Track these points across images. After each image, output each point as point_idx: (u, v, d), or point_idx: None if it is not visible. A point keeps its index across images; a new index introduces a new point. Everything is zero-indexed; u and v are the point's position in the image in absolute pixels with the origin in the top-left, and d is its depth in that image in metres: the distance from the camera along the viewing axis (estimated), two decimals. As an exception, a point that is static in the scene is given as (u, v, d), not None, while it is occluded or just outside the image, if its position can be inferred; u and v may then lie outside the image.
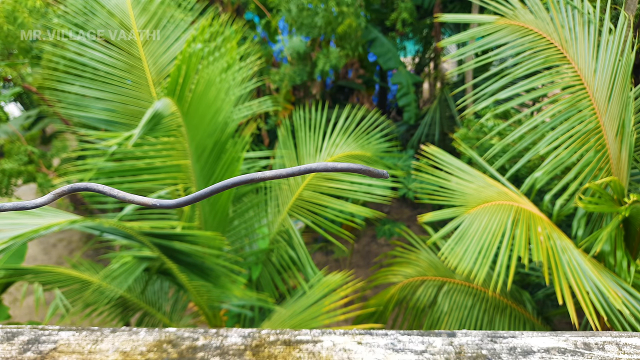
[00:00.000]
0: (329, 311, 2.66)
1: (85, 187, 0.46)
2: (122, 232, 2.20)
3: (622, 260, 2.22)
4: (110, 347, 0.80)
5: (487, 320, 3.04)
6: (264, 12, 6.27)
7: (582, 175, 2.43)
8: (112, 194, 0.46)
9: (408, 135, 7.33)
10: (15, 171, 4.61)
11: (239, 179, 0.44)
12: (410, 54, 8.78)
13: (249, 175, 0.44)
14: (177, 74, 2.16)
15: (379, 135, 3.47)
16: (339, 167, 0.43)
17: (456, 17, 3.58)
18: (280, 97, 5.91)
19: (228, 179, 0.44)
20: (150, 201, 0.45)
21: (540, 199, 3.48)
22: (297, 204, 3.14)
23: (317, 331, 0.84)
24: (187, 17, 3.23)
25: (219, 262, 2.44)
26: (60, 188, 0.45)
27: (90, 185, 0.46)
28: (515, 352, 0.77)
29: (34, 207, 0.45)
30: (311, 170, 0.43)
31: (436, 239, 2.93)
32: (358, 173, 0.44)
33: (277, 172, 0.44)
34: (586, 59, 2.43)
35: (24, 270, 2.56)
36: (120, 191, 0.46)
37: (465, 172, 2.86)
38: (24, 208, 0.45)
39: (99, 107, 2.99)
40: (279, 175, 0.44)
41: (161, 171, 2.55)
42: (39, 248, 6.89)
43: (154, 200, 0.45)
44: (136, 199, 0.45)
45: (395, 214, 7.12)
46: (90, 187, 0.46)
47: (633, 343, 0.79)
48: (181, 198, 0.45)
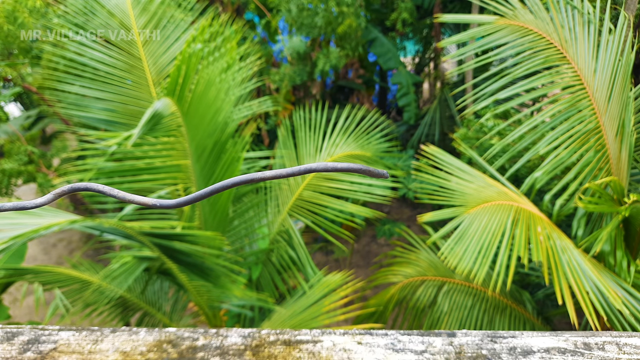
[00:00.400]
0: (329, 311, 2.66)
1: (85, 187, 0.46)
2: (122, 232, 2.20)
3: (622, 260, 2.22)
4: (110, 347, 0.80)
5: (487, 320, 3.04)
6: (264, 12, 6.27)
7: (582, 175, 2.43)
8: (112, 194, 0.46)
9: (408, 135, 7.33)
10: (15, 171, 4.61)
11: (239, 179, 0.44)
12: (410, 54, 8.78)
13: (249, 176, 0.44)
14: (177, 74, 2.16)
15: (379, 135, 3.47)
16: (339, 167, 0.43)
17: (456, 18, 3.58)
18: (280, 97, 5.91)
19: (228, 179, 0.44)
20: (150, 201, 0.45)
21: (540, 199, 3.48)
22: (297, 204, 3.14)
23: (317, 331, 0.84)
24: (187, 17, 3.23)
25: (219, 262, 2.44)
26: (61, 188, 0.45)
27: (90, 185, 0.46)
28: (515, 352, 0.77)
29: (34, 207, 0.45)
30: (311, 170, 0.43)
31: (436, 239, 2.93)
32: (358, 173, 0.44)
33: (277, 172, 0.44)
34: (586, 59, 2.43)
35: (24, 270, 2.56)
36: (120, 191, 0.46)
37: (465, 172, 2.86)
38: (24, 208, 0.45)
39: (99, 107, 2.99)
40: (279, 175, 0.44)
41: (161, 171, 2.55)
42: (39, 248, 6.89)
43: (154, 200, 0.45)
44: (136, 199, 0.45)
45: (395, 214, 7.12)
46: (90, 187, 0.46)
47: (633, 343, 0.79)
48: (181, 198, 0.45)
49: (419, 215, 2.92)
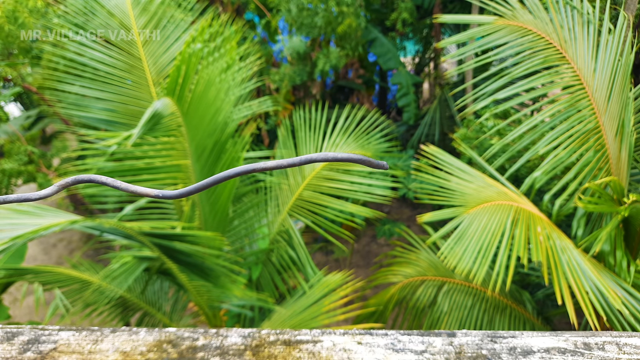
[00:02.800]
0: (328, 311, 2.66)
1: (88, 179, 0.46)
2: (122, 232, 2.21)
3: (621, 260, 2.22)
4: (110, 347, 0.80)
5: (487, 320, 3.04)
6: (264, 12, 6.27)
7: (582, 175, 2.43)
8: (115, 185, 0.46)
9: (408, 135, 7.33)
10: (15, 171, 4.61)
11: (241, 169, 0.44)
12: (410, 54, 8.78)
13: (251, 166, 0.45)
14: (177, 74, 2.16)
15: (379, 135, 3.47)
16: (339, 157, 0.44)
17: (455, 18, 3.58)
18: (280, 97, 5.91)
19: (230, 170, 0.44)
20: (152, 192, 0.46)
21: (539, 199, 3.48)
22: (297, 204, 3.15)
23: (317, 331, 0.84)
24: (187, 17, 3.23)
25: (219, 262, 2.45)
26: (64, 180, 0.46)
27: (93, 177, 0.46)
28: (515, 352, 0.77)
29: (38, 198, 0.45)
30: (312, 161, 0.44)
31: (436, 239, 2.93)
32: (358, 163, 0.44)
33: (278, 162, 0.45)
34: (585, 59, 2.43)
35: (24, 270, 2.56)
36: (122, 182, 0.46)
37: (465, 172, 2.86)
38: (28, 200, 0.45)
39: (99, 107, 2.99)
40: (280, 166, 0.44)
41: (161, 171, 2.55)
42: (39, 248, 6.89)
43: (157, 190, 0.46)
44: (139, 190, 0.46)
45: (395, 214, 7.12)
46: (93, 178, 0.46)
47: (633, 343, 0.79)
48: (183, 189, 0.45)
49: (418, 215, 2.92)
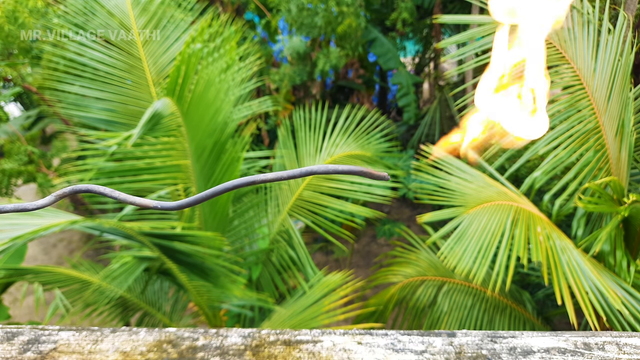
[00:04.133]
0: (328, 311, 2.66)
1: (86, 189, 0.46)
2: (122, 232, 2.21)
3: (621, 260, 2.22)
4: (110, 347, 0.80)
5: (487, 320, 3.04)
6: (264, 12, 6.27)
7: (582, 175, 2.43)
8: (113, 195, 0.46)
9: (408, 135, 7.33)
10: (15, 171, 4.61)
11: (240, 182, 0.43)
12: (410, 54, 8.79)
13: (250, 178, 0.44)
14: (177, 74, 2.16)
15: (379, 135, 3.47)
16: (339, 169, 0.43)
17: (455, 18, 3.58)
18: (280, 97, 5.91)
19: (229, 182, 0.44)
20: (151, 203, 0.45)
21: (539, 199, 3.48)
22: (297, 204, 3.14)
23: (317, 331, 0.84)
24: (187, 18, 3.23)
25: (219, 262, 2.45)
26: (62, 190, 0.45)
27: (91, 186, 0.46)
28: (515, 352, 0.77)
29: (35, 208, 0.45)
30: (312, 173, 0.43)
31: (436, 239, 2.93)
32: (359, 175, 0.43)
33: (278, 174, 0.44)
34: (585, 59, 2.43)
35: (24, 270, 2.56)
36: (121, 193, 0.46)
37: (465, 172, 2.86)
38: (25, 210, 0.45)
39: (99, 107, 2.99)
40: (280, 178, 0.44)
41: (161, 171, 2.55)
42: (39, 248, 6.89)
43: (155, 202, 0.45)
44: (137, 201, 0.45)
45: (395, 214, 7.12)
46: (91, 188, 0.46)
47: (633, 343, 0.79)
48: (182, 200, 0.45)
49: (418, 215, 2.92)
